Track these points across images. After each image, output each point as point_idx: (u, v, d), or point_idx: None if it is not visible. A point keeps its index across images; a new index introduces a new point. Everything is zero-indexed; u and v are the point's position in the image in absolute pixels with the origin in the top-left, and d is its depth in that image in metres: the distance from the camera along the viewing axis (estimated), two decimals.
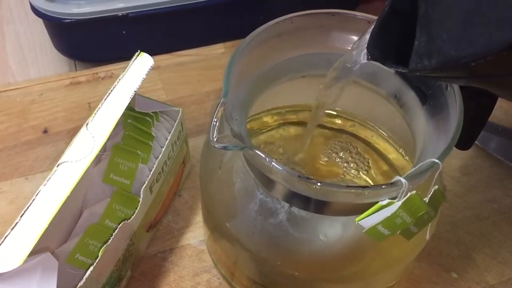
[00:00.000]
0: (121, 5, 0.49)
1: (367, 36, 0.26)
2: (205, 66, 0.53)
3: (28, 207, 0.27)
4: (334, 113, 0.36)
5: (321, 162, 0.36)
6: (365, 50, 0.26)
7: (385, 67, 0.26)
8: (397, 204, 0.23)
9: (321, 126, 0.36)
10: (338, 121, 0.37)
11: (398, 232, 0.25)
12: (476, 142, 0.46)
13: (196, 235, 0.40)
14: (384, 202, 0.24)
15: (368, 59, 0.26)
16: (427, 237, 0.28)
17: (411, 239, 0.28)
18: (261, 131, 0.36)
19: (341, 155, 0.36)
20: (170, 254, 0.39)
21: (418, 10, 0.21)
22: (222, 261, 0.36)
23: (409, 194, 0.23)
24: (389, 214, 0.24)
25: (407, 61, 0.22)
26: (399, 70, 0.24)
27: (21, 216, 0.26)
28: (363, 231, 0.25)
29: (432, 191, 0.24)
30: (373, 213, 0.24)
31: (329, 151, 0.36)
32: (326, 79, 0.30)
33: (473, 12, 0.18)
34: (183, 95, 0.50)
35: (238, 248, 0.31)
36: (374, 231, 0.25)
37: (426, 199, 0.24)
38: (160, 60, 0.52)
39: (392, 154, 0.35)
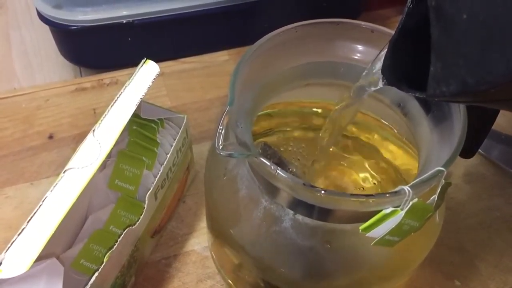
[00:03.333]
0: (126, 13, 0.49)
1: (381, 59, 0.26)
2: (209, 73, 0.53)
3: (34, 213, 0.27)
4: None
5: (332, 169, 0.36)
6: (380, 74, 0.26)
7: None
8: (401, 214, 0.23)
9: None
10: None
11: (407, 236, 0.25)
12: (479, 150, 0.46)
13: (200, 241, 0.41)
14: (388, 211, 0.24)
15: (384, 84, 0.27)
16: (437, 219, 0.28)
17: (415, 247, 0.28)
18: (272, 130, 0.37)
19: (349, 161, 0.36)
20: (174, 260, 0.39)
21: (430, 34, 0.21)
22: (226, 267, 0.37)
23: (411, 203, 0.23)
24: (394, 225, 0.24)
25: (424, 83, 0.22)
26: (416, 95, 0.24)
27: (27, 222, 0.27)
28: (372, 243, 0.25)
29: (440, 187, 0.24)
30: (376, 221, 0.24)
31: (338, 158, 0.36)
32: (341, 100, 0.30)
33: (489, 38, 0.18)
34: (187, 102, 0.50)
35: (242, 255, 0.31)
36: (383, 241, 0.25)
37: (435, 196, 0.24)
38: (164, 67, 0.52)
39: (399, 160, 0.35)
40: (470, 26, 0.19)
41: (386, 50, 0.26)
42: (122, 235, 0.32)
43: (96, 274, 0.30)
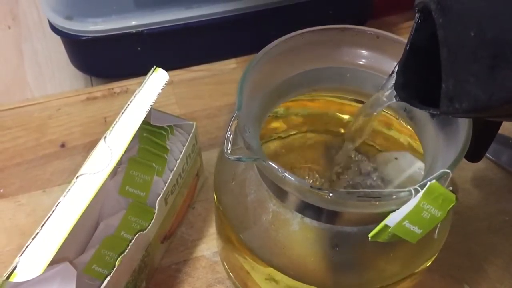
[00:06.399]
0: (136, 23, 0.50)
1: (394, 75, 0.27)
2: (218, 81, 0.54)
3: (48, 218, 0.27)
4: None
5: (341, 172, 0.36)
6: (393, 90, 0.27)
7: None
8: (418, 195, 0.23)
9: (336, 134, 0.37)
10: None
11: (430, 229, 0.25)
12: (487, 155, 0.46)
13: (209, 246, 0.41)
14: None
15: (397, 100, 0.27)
16: (435, 236, 0.28)
17: (422, 249, 0.28)
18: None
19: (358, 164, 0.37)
20: (184, 266, 0.40)
21: (440, 52, 0.21)
22: (235, 272, 0.37)
23: (428, 184, 0.23)
24: (412, 208, 0.24)
25: (438, 98, 0.22)
26: (430, 111, 0.24)
27: (41, 226, 0.27)
28: (389, 231, 0.25)
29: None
30: (384, 226, 0.25)
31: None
32: (357, 113, 0.31)
33: (498, 55, 0.18)
34: (196, 110, 0.51)
35: (252, 259, 0.32)
36: (402, 229, 0.24)
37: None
38: (173, 76, 0.53)
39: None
40: (478, 43, 0.19)
41: (398, 66, 0.27)
42: (133, 240, 0.32)
43: (108, 278, 0.30)
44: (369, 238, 0.25)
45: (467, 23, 0.19)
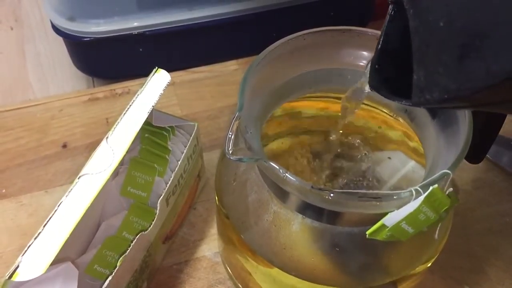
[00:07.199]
0: (137, 24, 0.50)
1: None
2: (219, 82, 0.54)
3: (50, 217, 0.28)
4: None
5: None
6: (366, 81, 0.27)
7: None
8: (420, 198, 0.23)
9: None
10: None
11: (421, 229, 0.25)
12: (488, 156, 0.46)
13: (211, 247, 0.41)
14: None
15: (370, 90, 0.27)
16: (436, 237, 0.28)
17: (423, 250, 0.28)
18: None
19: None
20: (186, 266, 0.40)
21: (412, 44, 0.21)
22: (237, 272, 0.37)
23: (430, 188, 0.23)
24: (412, 210, 0.24)
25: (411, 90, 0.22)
26: (402, 103, 0.24)
27: (43, 226, 0.27)
28: (387, 230, 0.25)
29: (446, 193, 0.25)
30: (381, 225, 0.25)
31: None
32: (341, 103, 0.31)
33: (467, 45, 0.18)
34: (197, 111, 0.51)
35: (253, 259, 0.32)
36: (398, 229, 0.25)
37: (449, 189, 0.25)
38: (175, 77, 0.53)
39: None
40: (447, 33, 0.19)
41: (371, 61, 0.27)
42: (135, 240, 0.32)
43: (110, 278, 0.31)
44: (367, 236, 0.25)
45: (437, 13, 0.19)
